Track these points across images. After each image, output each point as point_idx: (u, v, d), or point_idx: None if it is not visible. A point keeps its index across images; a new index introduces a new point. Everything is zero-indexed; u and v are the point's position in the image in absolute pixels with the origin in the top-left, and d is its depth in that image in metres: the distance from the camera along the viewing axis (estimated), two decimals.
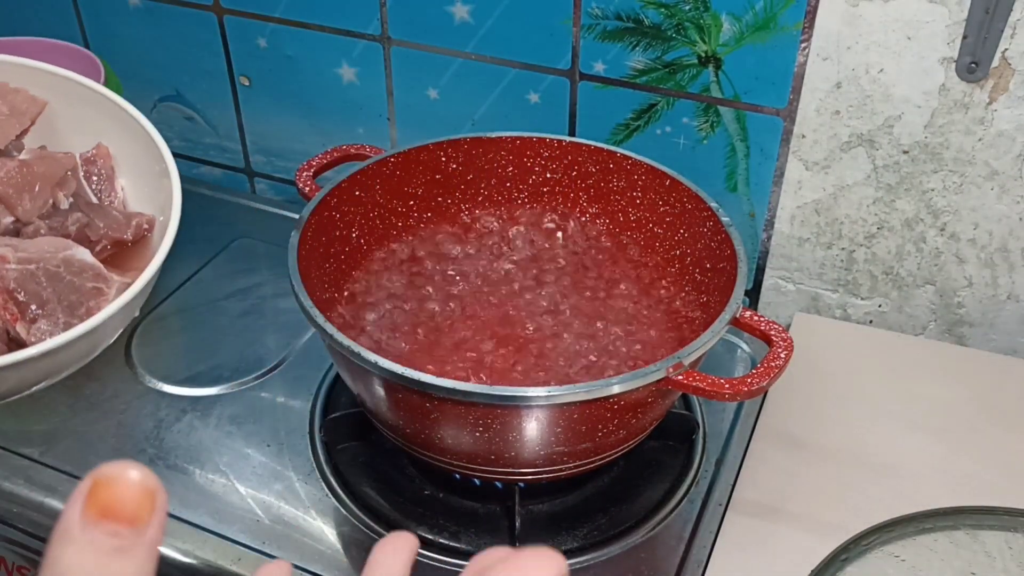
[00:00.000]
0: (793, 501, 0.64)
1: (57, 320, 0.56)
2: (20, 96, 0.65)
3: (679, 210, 0.69)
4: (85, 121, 0.68)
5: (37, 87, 0.67)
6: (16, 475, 0.65)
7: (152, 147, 0.66)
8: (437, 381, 0.51)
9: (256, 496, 0.63)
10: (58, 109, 0.69)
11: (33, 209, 0.61)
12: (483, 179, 0.74)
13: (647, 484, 0.65)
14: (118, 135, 0.68)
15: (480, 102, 0.83)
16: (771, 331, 0.57)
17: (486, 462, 0.57)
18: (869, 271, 0.78)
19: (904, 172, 0.72)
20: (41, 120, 0.67)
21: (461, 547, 0.60)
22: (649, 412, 0.58)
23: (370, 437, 0.67)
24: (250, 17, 0.87)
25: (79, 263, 0.58)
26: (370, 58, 0.85)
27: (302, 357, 0.74)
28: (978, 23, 0.64)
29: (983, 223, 0.72)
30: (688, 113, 0.76)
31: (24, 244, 0.58)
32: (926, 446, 0.68)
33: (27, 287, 0.55)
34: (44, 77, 0.67)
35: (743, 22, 0.70)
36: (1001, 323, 0.76)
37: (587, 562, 0.60)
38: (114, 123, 0.67)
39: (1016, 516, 0.62)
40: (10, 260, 0.56)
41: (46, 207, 0.63)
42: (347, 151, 0.73)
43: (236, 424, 0.69)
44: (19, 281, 0.55)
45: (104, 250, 0.64)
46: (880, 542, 0.60)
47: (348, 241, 0.69)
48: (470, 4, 0.78)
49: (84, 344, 0.55)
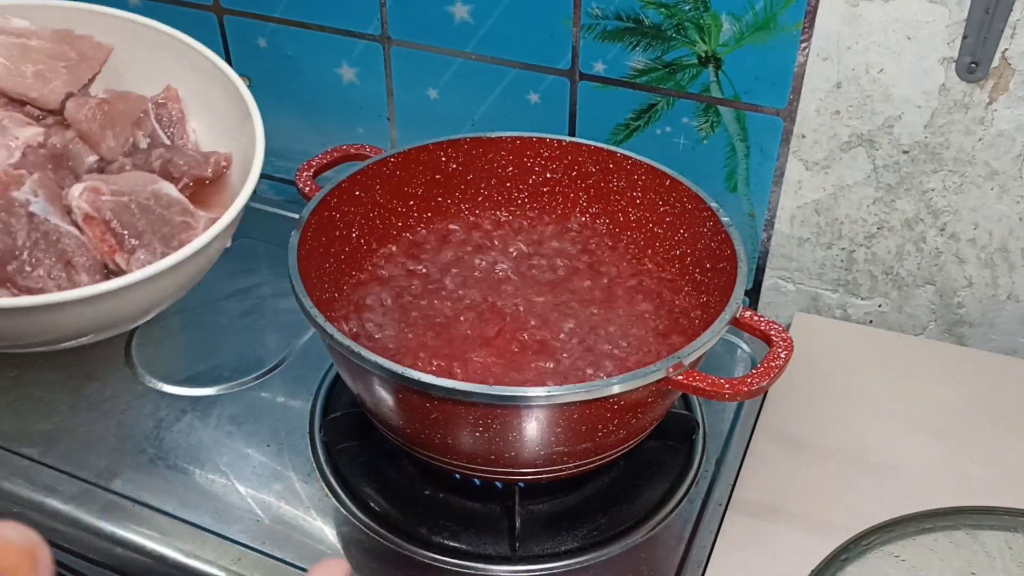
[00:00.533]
0: (793, 501, 0.64)
1: (154, 250, 0.57)
2: (87, 42, 0.65)
3: (679, 210, 0.69)
4: (151, 65, 0.67)
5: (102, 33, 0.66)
6: (16, 475, 0.65)
7: (227, 86, 0.64)
8: (437, 381, 0.51)
9: (256, 496, 0.63)
10: (121, 55, 0.69)
11: (116, 147, 0.61)
12: (483, 179, 0.74)
13: (647, 484, 0.65)
14: (187, 77, 0.67)
15: (480, 102, 0.83)
16: (771, 331, 0.57)
17: (486, 462, 0.57)
18: (869, 271, 0.78)
19: (904, 172, 0.72)
20: (105, 67, 0.66)
21: (461, 547, 0.60)
22: (649, 412, 0.58)
23: (370, 437, 0.67)
24: (250, 17, 0.87)
25: (167, 197, 0.59)
26: (370, 58, 0.85)
27: (302, 357, 0.74)
28: (978, 23, 0.64)
29: (983, 223, 0.72)
30: (688, 113, 0.76)
31: (114, 178, 0.58)
32: (926, 446, 0.68)
33: (122, 218, 0.56)
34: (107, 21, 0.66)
35: (743, 22, 0.70)
36: (1001, 323, 0.76)
37: (587, 562, 0.60)
38: (182, 65, 0.67)
39: (1016, 516, 0.62)
40: (104, 192, 0.56)
41: (127, 145, 0.62)
42: (347, 151, 0.73)
43: (236, 424, 0.69)
44: (115, 212, 0.56)
45: (186, 187, 0.63)
46: (880, 542, 0.60)
47: (348, 241, 0.69)
48: (470, 4, 0.78)
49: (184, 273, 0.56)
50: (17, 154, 0.58)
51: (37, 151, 0.58)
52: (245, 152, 0.63)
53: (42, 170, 0.57)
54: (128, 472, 0.65)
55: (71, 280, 0.54)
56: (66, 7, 0.67)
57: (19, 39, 0.62)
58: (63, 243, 0.54)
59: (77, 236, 0.55)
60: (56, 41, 0.64)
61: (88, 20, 0.67)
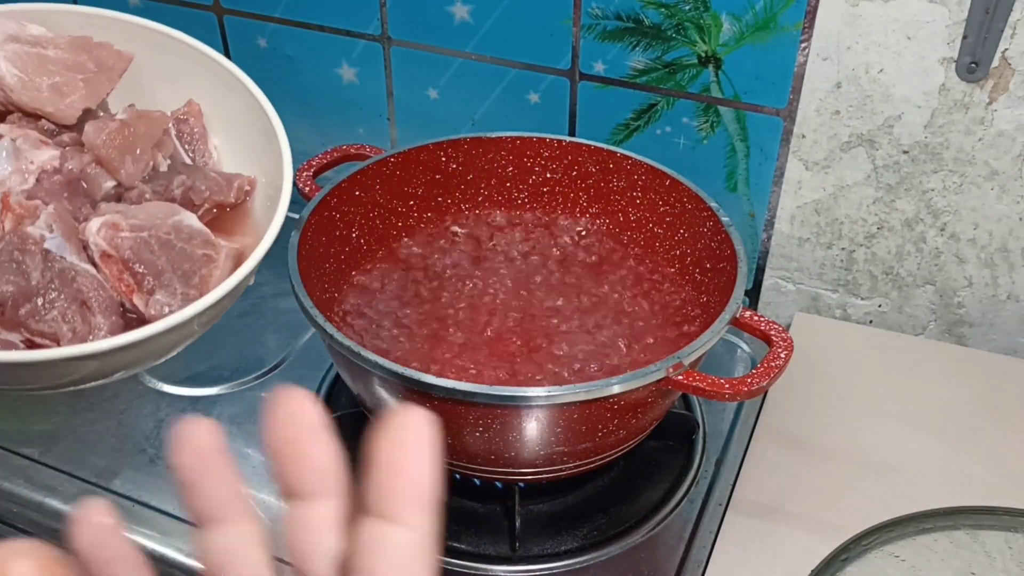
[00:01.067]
0: (793, 501, 0.64)
1: (174, 291, 0.53)
2: (106, 51, 0.61)
3: (679, 210, 0.69)
4: (172, 75, 0.63)
5: (120, 40, 0.62)
6: (16, 475, 0.65)
7: (251, 103, 0.60)
8: (437, 381, 0.51)
9: (256, 496, 0.63)
10: (142, 62, 0.63)
11: (136, 172, 0.57)
12: (483, 179, 0.74)
13: (647, 484, 0.65)
14: (209, 90, 0.63)
15: (480, 102, 0.83)
16: (771, 331, 0.57)
17: (486, 462, 0.57)
18: (869, 271, 0.78)
19: (904, 172, 0.72)
20: (125, 75, 0.62)
21: (461, 547, 0.60)
22: (649, 412, 0.58)
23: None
24: (250, 17, 0.87)
25: (188, 229, 0.55)
26: (370, 58, 0.85)
27: (302, 357, 0.74)
28: (978, 23, 0.64)
29: (983, 223, 0.72)
30: (688, 113, 0.76)
31: (133, 210, 0.54)
32: (926, 446, 0.68)
33: (142, 256, 0.52)
34: (126, 28, 0.62)
35: (743, 22, 0.70)
36: (1001, 323, 0.76)
37: (587, 562, 0.60)
38: (205, 77, 0.62)
39: (1016, 516, 0.62)
40: (123, 228, 0.53)
41: (147, 170, 0.59)
42: (347, 151, 0.73)
43: (236, 424, 0.69)
44: (133, 250, 0.52)
45: (207, 213, 0.60)
46: (880, 542, 0.60)
47: (348, 241, 0.69)
48: (470, 4, 0.78)
49: (206, 315, 0.52)
50: (31, 180, 0.55)
51: (52, 177, 0.55)
52: (267, 173, 0.59)
53: (57, 199, 0.54)
54: (128, 472, 0.65)
55: (86, 322, 0.52)
56: (85, 13, 0.62)
57: (35, 48, 0.59)
58: (79, 282, 0.52)
59: (93, 275, 0.52)
60: (74, 50, 0.60)
61: (108, 26, 0.62)
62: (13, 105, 0.57)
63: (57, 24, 0.61)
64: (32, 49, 0.58)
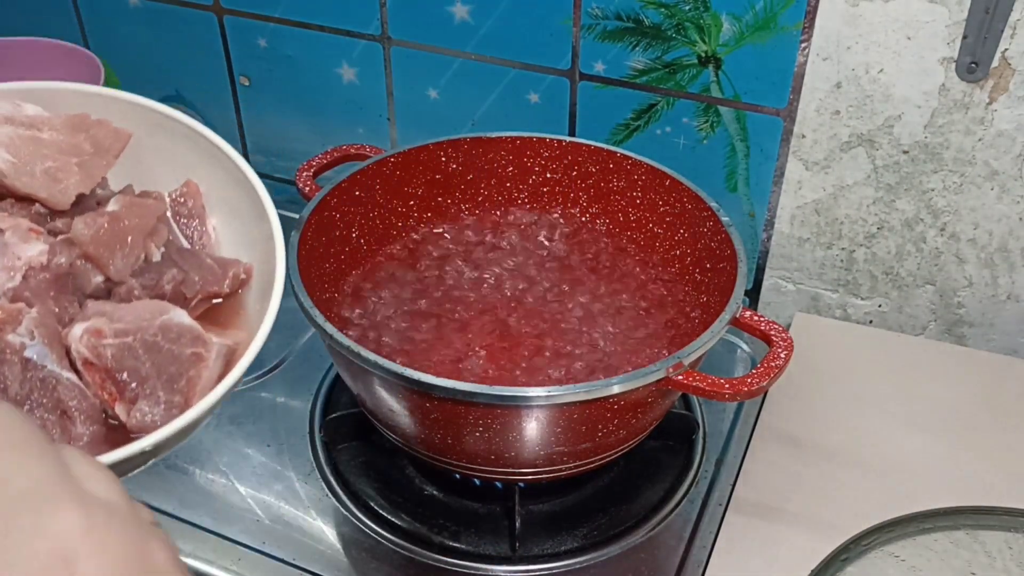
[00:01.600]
0: (793, 501, 0.64)
1: (158, 399, 0.52)
2: (103, 130, 0.60)
3: (679, 210, 0.69)
4: (169, 153, 0.62)
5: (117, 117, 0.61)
6: None
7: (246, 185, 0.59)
8: (437, 381, 0.51)
9: (256, 496, 0.63)
10: (140, 139, 0.62)
11: (125, 267, 0.55)
12: (483, 179, 0.74)
13: (647, 484, 0.65)
14: (207, 170, 0.62)
15: (480, 102, 0.83)
16: (771, 331, 0.57)
17: (486, 462, 0.57)
18: (869, 271, 0.78)
19: (904, 172, 0.72)
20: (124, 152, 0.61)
21: (461, 547, 0.60)
22: (649, 412, 0.58)
23: (370, 437, 0.67)
24: (250, 17, 0.87)
25: (177, 327, 0.53)
26: (370, 58, 0.85)
27: (302, 357, 0.74)
28: (978, 23, 0.64)
29: (983, 223, 0.72)
30: (688, 113, 0.76)
31: (119, 312, 0.53)
32: (926, 446, 0.68)
33: (126, 364, 0.50)
34: (124, 107, 0.61)
35: (743, 22, 0.70)
36: (1001, 323, 0.76)
37: (587, 562, 0.60)
38: (202, 157, 0.61)
39: (1016, 516, 0.62)
40: (106, 334, 0.51)
41: (138, 263, 0.57)
42: (347, 151, 0.73)
43: (236, 424, 0.69)
44: (117, 358, 0.50)
45: (201, 304, 0.58)
46: (880, 542, 0.60)
47: (348, 241, 0.69)
48: (470, 4, 0.78)
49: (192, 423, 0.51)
50: (18, 277, 0.53)
51: (39, 274, 0.54)
52: (262, 263, 0.58)
53: (43, 300, 0.53)
54: None
55: (66, 432, 0.51)
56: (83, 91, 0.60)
57: (29, 131, 0.57)
58: (59, 391, 0.51)
59: (75, 383, 0.51)
60: (70, 131, 0.59)
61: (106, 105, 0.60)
62: (6, 190, 0.56)
63: (53, 102, 0.60)
64: (27, 132, 0.56)
